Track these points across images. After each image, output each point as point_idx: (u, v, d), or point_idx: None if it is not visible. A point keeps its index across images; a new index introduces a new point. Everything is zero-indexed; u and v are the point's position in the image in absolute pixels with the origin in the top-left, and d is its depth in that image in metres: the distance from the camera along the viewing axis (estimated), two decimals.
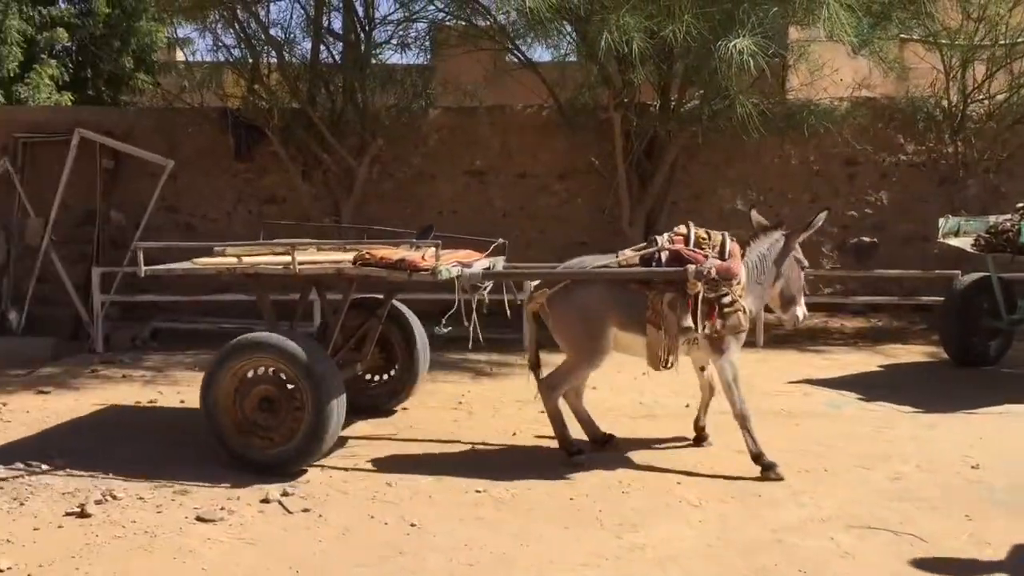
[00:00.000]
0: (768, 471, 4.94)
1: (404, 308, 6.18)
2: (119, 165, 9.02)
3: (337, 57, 8.81)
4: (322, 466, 5.14)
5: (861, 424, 6.03)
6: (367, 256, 5.07)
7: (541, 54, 9.32)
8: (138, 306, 8.87)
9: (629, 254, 5.19)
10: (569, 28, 8.36)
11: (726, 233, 5.13)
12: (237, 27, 8.36)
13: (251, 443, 5.10)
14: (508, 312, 5.47)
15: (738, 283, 4.94)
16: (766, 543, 4.11)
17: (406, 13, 8.81)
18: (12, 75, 12.99)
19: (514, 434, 5.80)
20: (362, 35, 8.57)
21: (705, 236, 5.11)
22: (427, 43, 9.05)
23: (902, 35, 8.97)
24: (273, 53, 8.56)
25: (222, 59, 8.79)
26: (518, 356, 8.16)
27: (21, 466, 5.10)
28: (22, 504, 4.59)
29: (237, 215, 9.28)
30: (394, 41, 8.78)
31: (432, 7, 8.88)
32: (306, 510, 4.54)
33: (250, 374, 5.10)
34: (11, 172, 8.71)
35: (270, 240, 5.87)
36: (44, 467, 5.08)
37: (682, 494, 4.76)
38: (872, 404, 6.53)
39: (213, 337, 8.27)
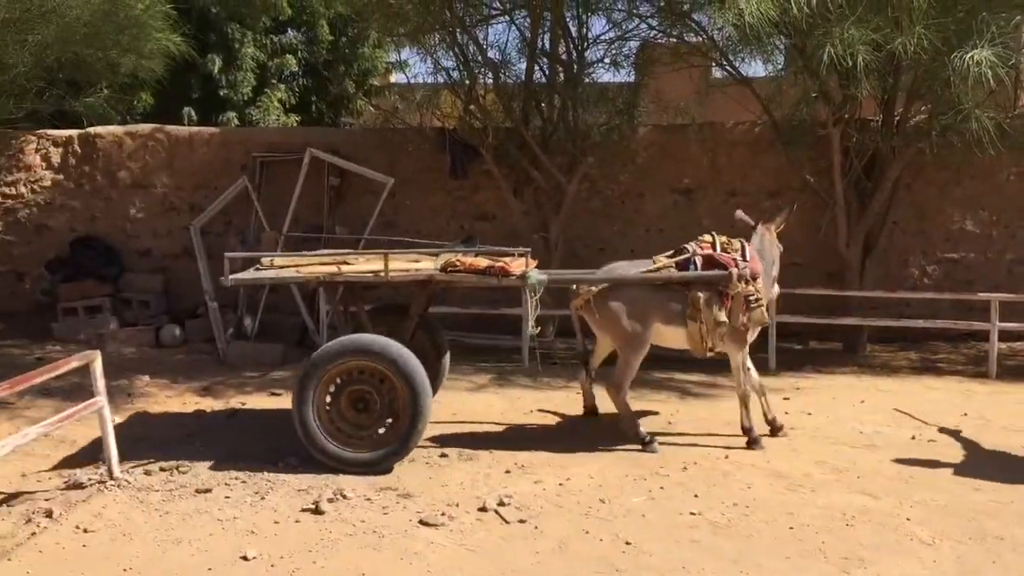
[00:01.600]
0: (753, 444, 5.83)
1: (432, 319, 6.49)
2: (344, 182, 9.56)
3: (550, 77, 8.97)
4: (537, 480, 5.23)
5: None
6: (456, 263, 5.50)
7: (755, 69, 9.13)
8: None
9: (663, 259, 5.91)
10: (786, 42, 8.14)
11: (743, 240, 5.94)
12: (456, 50, 8.67)
13: (345, 441, 5.34)
14: None
15: (758, 281, 5.79)
16: None
17: (618, 32, 8.86)
18: (246, 99, 14.04)
19: (727, 456, 5.68)
20: (574, 55, 8.68)
21: (727, 242, 5.92)
22: (638, 61, 9.04)
23: None
24: (489, 74, 8.81)
25: (441, 81, 9.15)
26: (726, 377, 7.99)
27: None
28: (262, 498, 4.93)
29: (450, 231, 9.61)
30: (606, 60, 8.84)
31: (644, 25, 8.89)
32: (522, 521, 4.63)
33: (345, 376, 5.33)
34: (250, 188, 9.42)
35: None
36: (280, 464, 5.45)
37: (912, 530, 4.51)
38: None
39: (479, 350, 8.65)
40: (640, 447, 5.78)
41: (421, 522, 4.61)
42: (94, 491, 4.98)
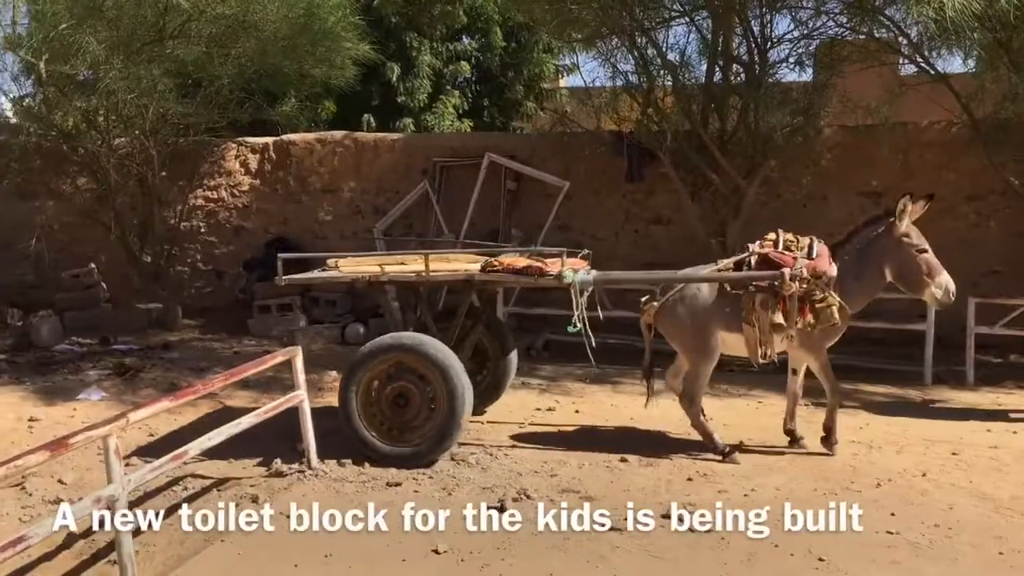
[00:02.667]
0: (827, 442, 5.70)
1: (497, 317, 6.37)
2: (520, 186, 9.71)
3: (731, 78, 8.78)
4: (721, 489, 5.13)
5: None
6: (495, 264, 5.57)
7: (952, 65, 8.63)
8: (529, 318, 9.43)
9: (726, 263, 5.69)
10: (989, 36, 7.65)
11: (814, 236, 5.56)
12: (635, 53, 8.63)
13: (386, 434, 5.47)
14: None
15: (827, 281, 5.35)
16: None
17: (803, 31, 8.56)
18: (422, 105, 14.48)
19: (924, 474, 5.38)
20: (757, 55, 8.46)
21: (793, 239, 5.57)
22: (824, 60, 8.70)
23: None
24: (668, 76, 8.72)
25: (617, 84, 9.12)
26: (919, 390, 7.60)
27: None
28: (449, 494, 5.07)
29: (624, 234, 9.59)
30: (790, 60, 8.57)
31: (831, 23, 8.55)
32: (708, 530, 4.56)
33: (387, 372, 5.49)
34: (430, 192, 9.72)
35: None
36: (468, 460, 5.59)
37: None
38: None
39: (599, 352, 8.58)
40: (720, 459, 5.60)
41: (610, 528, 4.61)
42: (295, 480, 5.26)
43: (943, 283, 5.42)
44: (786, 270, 5.30)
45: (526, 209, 9.77)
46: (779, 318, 5.38)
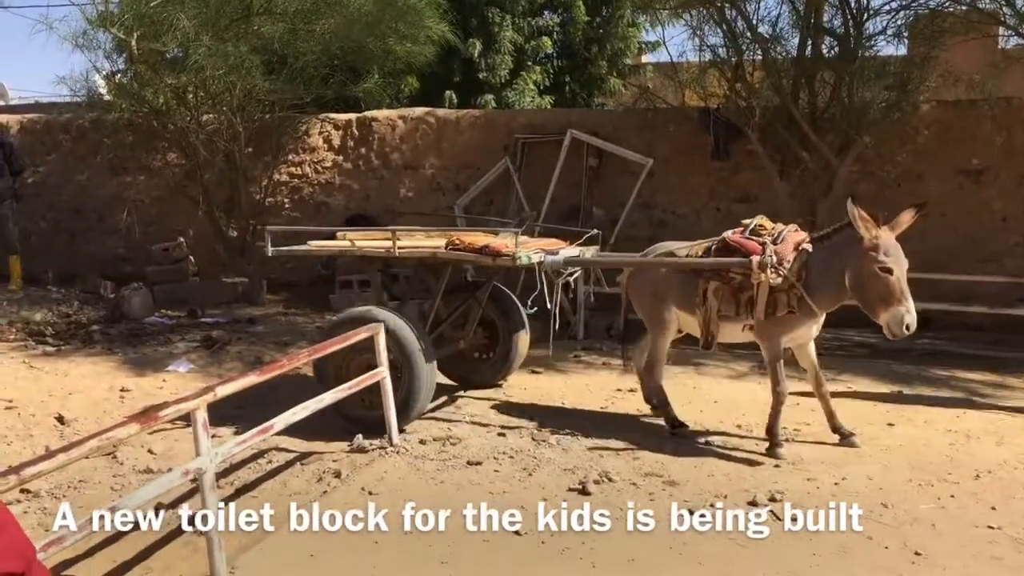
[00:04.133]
0: (774, 449, 5.28)
1: (507, 292, 6.49)
2: (602, 163, 9.57)
3: (825, 51, 8.47)
4: (810, 477, 4.97)
5: None
6: (457, 241, 5.66)
7: None
8: (612, 297, 9.28)
9: (697, 247, 5.60)
10: None
11: (793, 224, 5.39)
12: (724, 26, 8.38)
13: (353, 403, 5.47)
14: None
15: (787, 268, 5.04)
16: None
17: (902, 1, 8.19)
18: (503, 81, 14.40)
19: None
20: (852, 27, 8.13)
21: (763, 226, 5.32)
22: (923, 32, 8.30)
23: None
24: (758, 50, 8.45)
25: (705, 59, 8.89)
26: (1019, 378, 7.26)
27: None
28: (530, 475, 5.02)
29: (707, 212, 9.37)
30: (889, 31, 8.21)
31: None
32: (796, 519, 4.41)
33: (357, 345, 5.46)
34: (511, 169, 9.66)
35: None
36: (549, 441, 5.54)
37: None
38: None
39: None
40: (671, 429, 5.70)
41: (689, 512, 4.50)
42: (376, 456, 5.28)
43: (899, 315, 4.80)
44: (755, 258, 5.09)
45: (608, 186, 9.62)
46: (729, 308, 5.30)
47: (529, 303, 5.69)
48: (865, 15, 8.11)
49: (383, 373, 5.29)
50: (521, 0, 14.40)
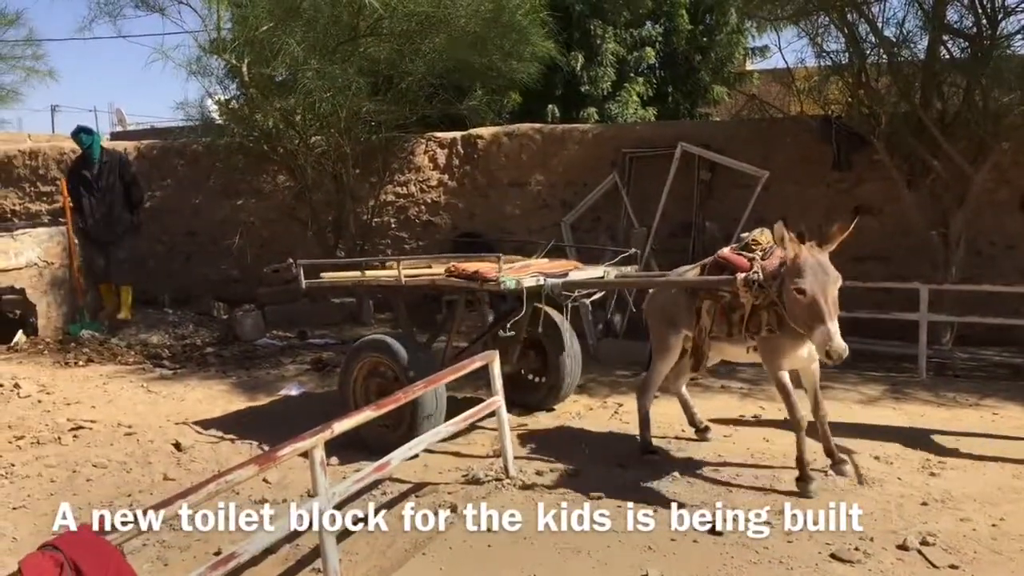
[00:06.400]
0: (804, 484, 4.89)
1: (557, 317, 6.35)
2: (714, 177, 9.22)
3: (957, 54, 7.95)
4: (964, 518, 4.57)
5: None
6: (452, 268, 5.78)
7: None
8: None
9: (698, 266, 5.42)
10: None
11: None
12: (846, 30, 7.95)
13: (372, 428, 5.32)
14: None
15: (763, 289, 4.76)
16: None
17: None
18: (605, 93, 14.18)
19: None
20: (986, 26, 7.60)
21: (757, 241, 5.02)
22: None
23: None
24: (883, 55, 7.98)
25: (825, 65, 8.45)
26: None
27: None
28: (656, 511, 4.74)
29: (828, 226, 8.90)
30: None
31: None
32: (954, 567, 4.04)
33: (373, 369, 5.92)
34: (619, 184, 9.40)
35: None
36: (675, 475, 5.26)
37: None
38: None
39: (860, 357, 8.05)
40: (643, 452, 5.58)
41: (833, 556, 4.17)
42: (492, 489, 5.10)
43: (818, 338, 4.46)
44: (740, 275, 4.83)
45: (721, 200, 9.27)
46: (720, 327, 5.11)
47: (508, 327, 5.76)
48: (1000, 14, 7.56)
49: (499, 402, 5.12)
50: (623, 11, 14.19)
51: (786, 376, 5.02)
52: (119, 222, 10.17)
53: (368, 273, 6.50)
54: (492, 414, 5.30)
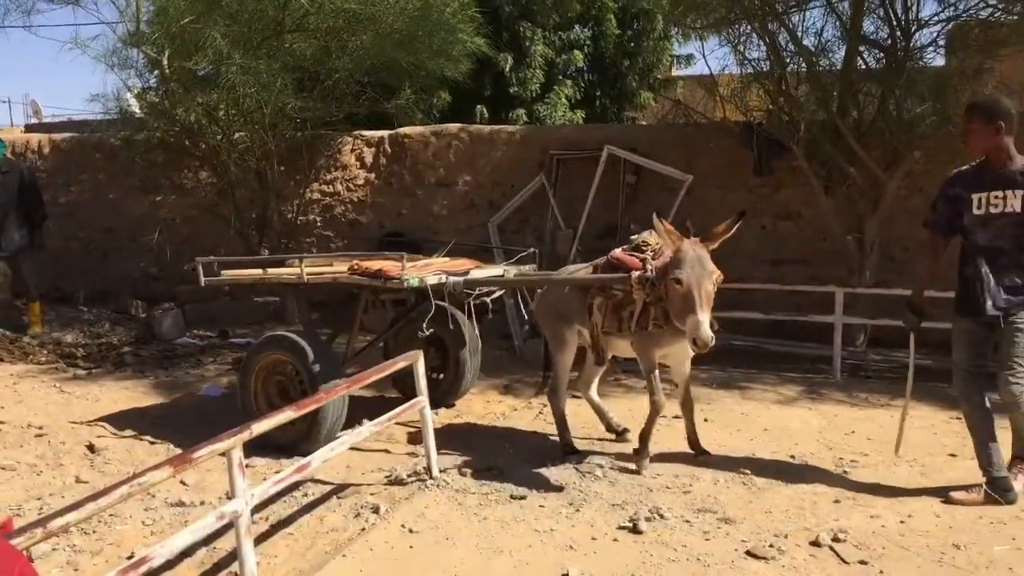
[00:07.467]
0: (641, 459, 5.38)
1: (459, 314, 6.31)
2: (640, 180, 9.33)
3: (873, 64, 8.19)
4: (874, 515, 4.70)
5: None
6: (355, 266, 5.78)
7: None
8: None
9: (590, 266, 5.67)
10: None
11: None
12: (767, 39, 8.13)
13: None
14: None
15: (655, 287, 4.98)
16: None
17: (952, 12, 7.92)
18: (534, 95, 14.24)
19: None
20: (900, 38, 7.85)
21: (647, 242, 5.26)
22: (975, 43, 7.99)
23: None
24: (802, 64, 8.19)
25: (745, 72, 8.63)
26: None
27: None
28: (577, 511, 4.78)
29: (750, 230, 9.09)
30: (939, 42, 7.92)
31: (982, 2, 7.87)
32: (863, 562, 4.14)
33: (271, 367, 5.88)
34: (547, 186, 9.45)
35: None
36: (597, 474, 5.30)
37: None
38: None
39: (778, 358, 8.26)
40: (564, 453, 5.64)
41: (748, 553, 4.24)
42: (415, 489, 5.06)
43: (688, 326, 4.65)
44: (635, 273, 5.08)
45: (646, 204, 9.34)
46: (609, 324, 5.34)
47: (425, 326, 5.74)
48: (914, 26, 7.82)
49: (423, 403, 5.10)
50: (553, 14, 14.26)
51: (656, 368, 5.34)
52: (12, 242, 9.39)
53: (270, 271, 6.49)
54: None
